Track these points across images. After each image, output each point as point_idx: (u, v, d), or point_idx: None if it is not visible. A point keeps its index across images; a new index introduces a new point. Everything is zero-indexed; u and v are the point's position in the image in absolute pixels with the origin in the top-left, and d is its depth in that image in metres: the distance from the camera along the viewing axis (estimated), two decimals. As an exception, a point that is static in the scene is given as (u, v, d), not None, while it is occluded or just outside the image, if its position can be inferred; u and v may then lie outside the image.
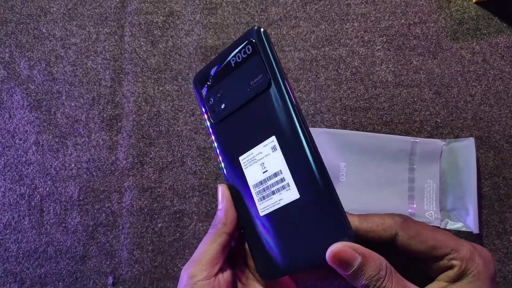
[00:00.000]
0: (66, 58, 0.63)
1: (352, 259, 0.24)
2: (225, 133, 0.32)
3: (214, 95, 0.32)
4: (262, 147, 0.29)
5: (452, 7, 0.60)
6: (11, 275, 0.57)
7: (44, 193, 0.59)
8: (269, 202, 0.29)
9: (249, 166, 0.30)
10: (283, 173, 0.28)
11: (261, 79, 0.29)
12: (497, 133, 0.56)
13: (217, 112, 0.32)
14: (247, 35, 0.30)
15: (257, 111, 0.29)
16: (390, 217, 0.28)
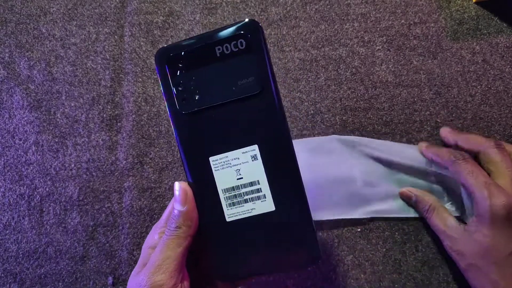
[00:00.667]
0: (66, 58, 0.63)
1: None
2: (194, 128, 0.29)
3: (186, 81, 0.28)
4: (241, 153, 0.28)
5: (452, 7, 0.60)
6: (11, 276, 0.57)
7: (44, 193, 0.59)
8: (240, 209, 0.28)
9: (221, 169, 0.28)
10: (260, 184, 0.27)
11: (251, 82, 0.27)
12: (497, 133, 0.56)
13: (187, 101, 0.28)
14: (242, 27, 0.27)
15: (239, 114, 0.27)
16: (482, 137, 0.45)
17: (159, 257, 0.27)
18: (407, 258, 0.52)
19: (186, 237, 0.28)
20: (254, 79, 0.27)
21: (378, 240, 0.53)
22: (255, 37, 0.27)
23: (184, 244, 0.28)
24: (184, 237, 0.28)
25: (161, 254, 0.27)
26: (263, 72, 0.27)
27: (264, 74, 0.27)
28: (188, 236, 0.29)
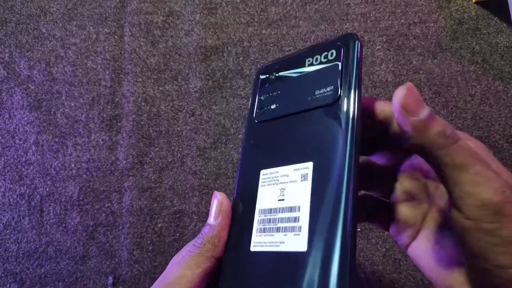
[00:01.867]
0: (66, 58, 0.63)
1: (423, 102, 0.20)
2: (261, 137, 0.26)
3: (269, 92, 0.26)
4: (292, 170, 0.23)
5: (452, 7, 0.60)
6: (11, 275, 0.57)
7: (44, 193, 0.59)
8: (268, 239, 0.23)
9: (266, 185, 0.24)
10: (300, 212, 0.22)
11: (329, 91, 0.23)
12: (497, 132, 0.56)
13: (264, 110, 0.26)
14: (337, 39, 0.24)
15: (306, 127, 0.24)
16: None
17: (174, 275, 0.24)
18: (407, 258, 0.52)
19: (208, 258, 0.24)
20: (333, 88, 0.23)
21: (378, 240, 0.53)
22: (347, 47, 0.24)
23: (204, 265, 0.23)
24: (206, 256, 0.24)
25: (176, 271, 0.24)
26: (344, 80, 0.23)
27: (345, 82, 0.23)
28: (212, 257, 0.24)
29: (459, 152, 0.20)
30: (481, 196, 0.19)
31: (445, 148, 0.20)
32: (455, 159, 0.19)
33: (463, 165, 0.19)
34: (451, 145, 0.20)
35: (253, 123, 0.27)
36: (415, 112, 0.20)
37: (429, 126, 0.20)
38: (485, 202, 0.19)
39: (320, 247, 0.20)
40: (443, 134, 0.20)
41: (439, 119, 0.20)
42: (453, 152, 0.20)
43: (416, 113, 0.20)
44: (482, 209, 0.19)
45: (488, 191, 0.19)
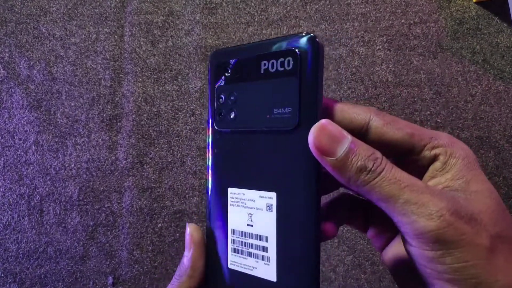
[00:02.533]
0: (66, 58, 0.63)
1: (342, 135, 0.19)
2: (224, 149, 0.24)
3: (227, 94, 0.24)
4: (257, 196, 0.23)
5: (453, 7, 0.60)
6: (10, 275, 0.57)
7: (44, 193, 0.59)
8: (242, 261, 0.23)
9: (235, 206, 0.24)
10: (268, 242, 0.22)
11: (287, 114, 0.21)
12: (498, 133, 0.56)
13: (223, 118, 0.24)
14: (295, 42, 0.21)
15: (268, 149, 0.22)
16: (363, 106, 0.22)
17: None
18: (407, 258, 0.52)
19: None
20: (291, 111, 0.21)
21: (378, 240, 0.53)
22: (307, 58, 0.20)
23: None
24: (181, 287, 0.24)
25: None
26: (304, 104, 0.21)
27: (304, 107, 0.21)
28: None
29: (382, 185, 0.19)
30: (416, 226, 0.18)
31: (368, 184, 0.19)
32: (380, 193, 0.19)
33: (390, 197, 0.18)
34: (374, 179, 0.19)
35: (215, 130, 0.25)
36: (330, 153, 0.19)
37: (347, 165, 0.19)
38: (421, 231, 0.18)
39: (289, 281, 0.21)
40: (363, 170, 0.19)
41: (361, 151, 0.19)
42: (376, 187, 0.19)
43: (331, 153, 0.19)
44: (420, 238, 0.18)
45: (421, 219, 0.18)
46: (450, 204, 0.18)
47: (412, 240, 0.19)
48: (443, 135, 0.22)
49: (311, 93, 0.21)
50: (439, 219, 0.18)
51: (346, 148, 0.19)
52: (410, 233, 0.18)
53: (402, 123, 0.22)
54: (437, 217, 0.18)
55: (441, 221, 0.18)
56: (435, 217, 0.18)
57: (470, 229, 0.18)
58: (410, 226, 0.18)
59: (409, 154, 0.22)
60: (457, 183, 0.20)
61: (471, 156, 0.21)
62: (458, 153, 0.21)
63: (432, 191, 0.19)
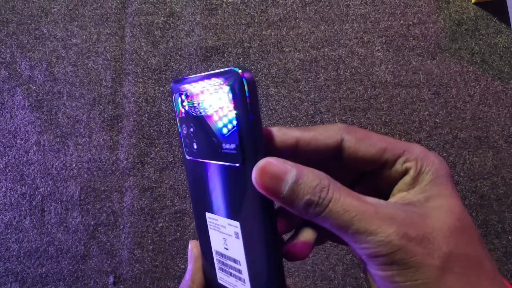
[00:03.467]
0: (67, 58, 0.63)
1: (285, 172, 0.19)
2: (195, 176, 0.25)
3: (187, 125, 0.25)
4: (227, 224, 0.24)
5: (451, 8, 0.60)
6: (12, 275, 0.57)
7: (45, 193, 0.59)
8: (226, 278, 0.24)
9: (214, 229, 0.25)
10: (241, 265, 0.23)
11: (233, 150, 0.22)
12: (496, 133, 0.56)
13: (190, 148, 0.25)
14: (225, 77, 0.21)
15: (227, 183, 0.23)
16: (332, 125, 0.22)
17: None
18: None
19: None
20: (236, 148, 0.21)
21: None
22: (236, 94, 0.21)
23: None
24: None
25: None
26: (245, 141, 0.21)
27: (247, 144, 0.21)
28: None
29: (331, 217, 0.19)
30: (367, 252, 0.19)
31: (318, 216, 0.19)
32: (331, 223, 0.19)
33: (341, 228, 0.19)
34: (322, 212, 0.19)
35: (185, 158, 0.26)
36: (275, 192, 0.19)
37: (294, 200, 0.19)
38: (373, 256, 0.19)
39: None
40: (310, 204, 0.19)
41: (306, 183, 0.19)
42: (326, 218, 0.19)
43: (277, 192, 0.19)
44: (373, 262, 0.19)
45: (372, 246, 0.19)
46: (400, 228, 0.19)
47: (367, 262, 0.19)
48: (416, 148, 0.22)
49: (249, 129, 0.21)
50: (389, 244, 0.18)
51: (290, 184, 0.19)
52: (364, 257, 0.19)
53: (374, 138, 0.22)
54: (386, 243, 0.18)
55: (391, 247, 0.18)
56: (384, 243, 0.18)
57: (421, 249, 0.19)
58: (363, 251, 0.19)
59: (382, 168, 0.22)
60: (418, 198, 0.20)
61: (442, 170, 0.21)
62: (428, 167, 0.21)
63: (382, 216, 0.19)
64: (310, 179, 0.19)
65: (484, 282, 0.19)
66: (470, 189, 0.54)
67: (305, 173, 0.19)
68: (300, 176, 0.19)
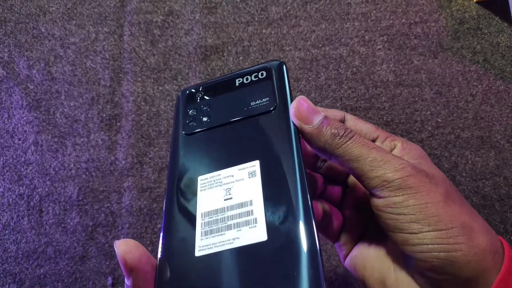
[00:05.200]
0: (65, 57, 0.63)
1: (316, 110, 0.24)
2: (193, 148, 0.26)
3: (198, 107, 0.27)
4: (237, 170, 0.23)
5: (453, 7, 0.60)
6: (10, 276, 0.57)
7: (43, 193, 0.59)
8: (217, 239, 0.21)
9: (208, 189, 0.23)
10: (253, 205, 0.21)
11: (265, 102, 0.25)
12: (498, 132, 0.55)
13: (194, 124, 0.27)
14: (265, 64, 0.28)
15: (245, 133, 0.25)
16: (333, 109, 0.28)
17: None
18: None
19: None
20: (270, 99, 0.25)
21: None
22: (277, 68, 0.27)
23: None
24: None
25: None
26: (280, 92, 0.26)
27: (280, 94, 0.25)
28: None
29: (353, 146, 0.22)
30: (384, 177, 0.22)
31: (341, 147, 0.23)
32: (352, 153, 0.22)
33: (361, 156, 0.22)
34: (346, 142, 0.23)
35: (181, 137, 0.27)
36: (308, 122, 0.23)
37: (322, 131, 0.23)
38: (388, 180, 0.21)
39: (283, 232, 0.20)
40: (336, 136, 0.23)
41: (333, 123, 0.23)
42: (349, 148, 0.23)
43: (309, 122, 0.23)
44: (388, 187, 0.22)
45: (388, 171, 0.22)
46: (410, 162, 0.23)
47: (381, 191, 0.22)
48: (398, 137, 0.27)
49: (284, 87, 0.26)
50: (402, 170, 0.22)
51: (321, 118, 0.23)
52: (379, 185, 0.22)
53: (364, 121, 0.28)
54: (401, 169, 0.22)
55: (404, 171, 0.21)
56: (399, 169, 0.22)
57: (428, 180, 0.22)
58: (378, 178, 0.22)
59: (375, 141, 0.27)
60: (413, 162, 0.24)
61: (423, 152, 0.26)
62: (410, 146, 0.26)
63: (394, 154, 0.23)
64: (336, 120, 0.24)
65: (479, 219, 0.22)
66: (472, 189, 0.53)
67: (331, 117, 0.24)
68: (327, 117, 0.24)
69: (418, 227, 0.21)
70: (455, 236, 0.20)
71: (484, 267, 0.20)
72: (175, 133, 0.27)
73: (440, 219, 0.20)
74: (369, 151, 0.22)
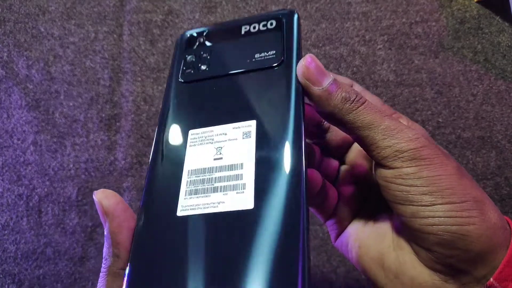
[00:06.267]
0: (65, 57, 0.63)
1: (326, 71, 0.22)
2: (188, 98, 0.24)
3: (198, 53, 0.25)
4: (231, 129, 0.22)
5: (454, 6, 0.60)
6: (9, 276, 0.57)
7: (42, 193, 0.59)
8: (202, 201, 0.20)
9: (197, 145, 0.22)
10: (243, 169, 0.20)
11: (271, 55, 0.23)
12: (499, 133, 0.55)
13: (192, 71, 0.24)
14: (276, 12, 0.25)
15: (245, 88, 0.23)
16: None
17: None
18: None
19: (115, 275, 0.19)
20: (276, 52, 0.23)
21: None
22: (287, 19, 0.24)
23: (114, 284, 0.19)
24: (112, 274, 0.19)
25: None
26: (287, 47, 0.23)
27: (288, 49, 0.23)
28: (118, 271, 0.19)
29: (365, 113, 0.21)
30: (397, 147, 0.20)
31: (352, 112, 0.21)
32: (364, 120, 0.21)
33: (373, 123, 0.21)
34: (357, 108, 0.21)
35: (177, 84, 0.24)
36: (317, 83, 0.21)
37: (333, 94, 0.21)
38: (402, 150, 0.20)
39: (271, 202, 0.18)
40: (347, 100, 0.21)
41: (343, 86, 0.21)
42: (360, 114, 0.21)
43: (318, 84, 0.21)
44: (400, 157, 0.20)
45: (401, 141, 0.20)
46: (423, 133, 0.22)
47: (392, 161, 0.21)
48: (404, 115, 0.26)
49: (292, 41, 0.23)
50: (417, 140, 0.20)
51: (331, 80, 0.21)
52: (390, 155, 0.21)
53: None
54: (415, 139, 0.20)
55: (418, 142, 0.20)
56: (413, 139, 0.20)
57: (441, 152, 0.21)
58: (390, 148, 0.21)
59: None
60: None
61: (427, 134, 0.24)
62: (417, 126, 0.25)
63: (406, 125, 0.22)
64: (346, 84, 0.22)
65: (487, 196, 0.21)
66: (473, 189, 0.53)
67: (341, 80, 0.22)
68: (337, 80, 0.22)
69: (431, 199, 0.20)
70: (469, 209, 0.19)
71: (495, 242, 0.19)
72: (169, 80, 0.25)
73: (454, 192, 0.20)
74: (382, 118, 0.21)
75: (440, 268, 0.20)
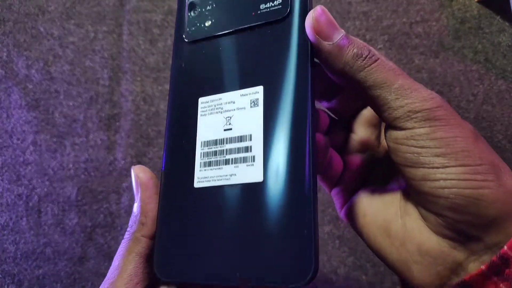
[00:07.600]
0: (64, 57, 0.63)
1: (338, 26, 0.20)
2: (194, 60, 0.23)
3: (202, 7, 0.23)
4: (238, 96, 0.21)
5: (454, 6, 0.60)
6: (9, 276, 0.57)
7: (42, 193, 0.59)
8: (215, 173, 0.20)
9: (208, 115, 0.22)
10: (252, 141, 0.20)
11: (277, 5, 0.21)
12: (500, 132, 0.55)
13: (196, 28, 0.23)
14: None
15: (252, 46, 0.22)
16: None
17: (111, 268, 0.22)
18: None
19: (138, 239, 0.21)
20: (282, 2, 0.21)
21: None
22: None
23: (136, 249, 0.21)
24: (135, 239, 0.21)
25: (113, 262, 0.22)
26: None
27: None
28: (142, 238, 0.21)
29: (378, 71, 0.19)
30: (410, 107, 0.19)
31: (364, 70, 0.20)
32: (376, 78, 0.19)
33: (385, 82, 0.19)
34: (370, 65, 0.20)
35: (182, 44, 0.23)
36: (327, 37, 0.20)
37: (344, 50, 0.20)
38: (416, 110, 0.19)
39: (280, 175, 0.19)
40: (359, 56, 0.20)
41: (355, 41, 0.20)
42: (373, 72, 0.20)
43: (329, 38, 0.20)
44: (413, 118, 0.19)
45: (416, 100, 0.19)
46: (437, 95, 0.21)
47: (404, 122, 0.20)
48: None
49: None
50: (432, 100, 0.19)
51: (342, 35, 0.20)
52: (402, 116, 0.19)
53: None
54: (430, 99, 0.19)
55: (434, 102, 0.19)
56: (428, 99, 0.19)
57: (456, 114, 0.20)
58: (403, 108, 0.19)
59: None
60: None
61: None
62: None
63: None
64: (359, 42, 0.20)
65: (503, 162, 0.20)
66: (473, 189, 0.53)
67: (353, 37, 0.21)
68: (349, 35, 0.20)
69: (443, 161, 0.19)
70: (484, 173, 0.18)
71: (510, 208, 0.18)
72: (175, 40, 0.24)
73: (469, 155, 0.19)
74: (396, 77, 0.19)
75: (450, 234, 0.19)
